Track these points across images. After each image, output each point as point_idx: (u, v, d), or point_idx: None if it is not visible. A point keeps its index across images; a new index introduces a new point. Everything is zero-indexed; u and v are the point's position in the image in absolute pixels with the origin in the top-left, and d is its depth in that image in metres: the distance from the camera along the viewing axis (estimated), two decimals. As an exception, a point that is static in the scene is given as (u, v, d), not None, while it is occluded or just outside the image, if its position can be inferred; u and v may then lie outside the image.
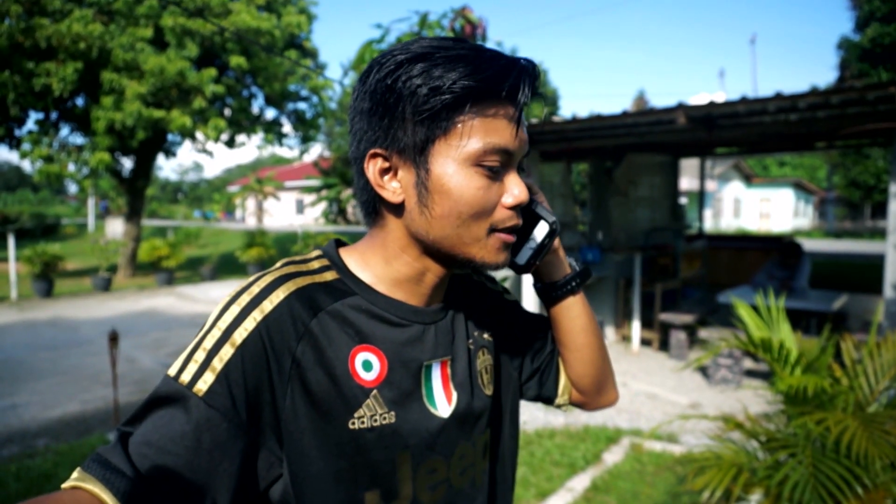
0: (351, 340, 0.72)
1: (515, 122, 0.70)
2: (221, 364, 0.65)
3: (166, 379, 0.66)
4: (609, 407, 1.04)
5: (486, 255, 0.73)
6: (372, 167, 0.72)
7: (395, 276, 0.77)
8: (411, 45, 0.70)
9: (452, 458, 0.79)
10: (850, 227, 34.51)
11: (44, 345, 7.56)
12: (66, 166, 12.72)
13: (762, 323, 2.60)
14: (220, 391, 0.65)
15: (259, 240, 15.32)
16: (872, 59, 21.06)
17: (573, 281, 0.91)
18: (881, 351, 2.37)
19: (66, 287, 12.71)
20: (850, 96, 4.62)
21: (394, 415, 0.73)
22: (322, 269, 0.76)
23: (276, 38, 13.18)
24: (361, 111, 0.72)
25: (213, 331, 0.68)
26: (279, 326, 0.68)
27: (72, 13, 11.27)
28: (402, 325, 0.76)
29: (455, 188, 0.69)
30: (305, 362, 0.69)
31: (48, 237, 24.44)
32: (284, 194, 33.87)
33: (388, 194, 0.72)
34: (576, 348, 0.94)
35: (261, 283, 0.71)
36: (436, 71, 0.67)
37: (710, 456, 2.28)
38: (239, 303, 0.69)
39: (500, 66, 0.68)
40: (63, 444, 4.31)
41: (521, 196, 0.73)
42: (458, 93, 0.67)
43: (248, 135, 15.26)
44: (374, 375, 0.73)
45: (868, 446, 1.89)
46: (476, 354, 0.85)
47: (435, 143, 0.69)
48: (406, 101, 0.68)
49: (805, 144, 8.79)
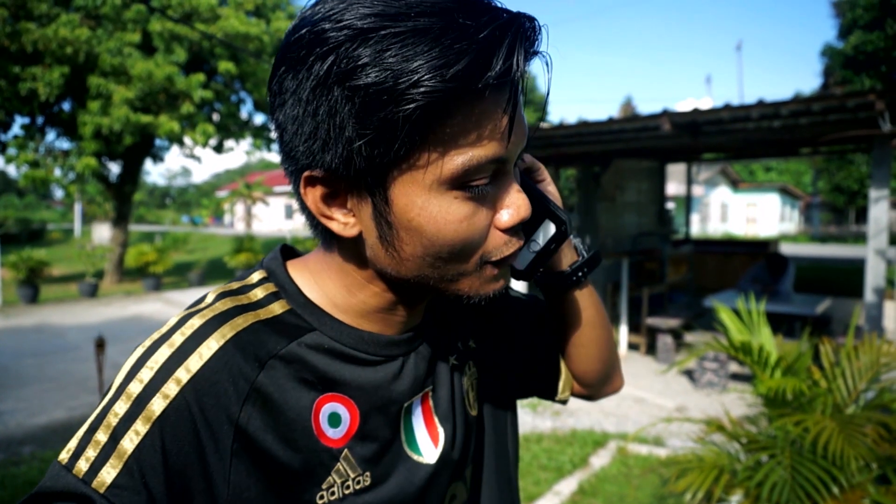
0: (312, 391, 0.56)
1: (508, 117, 0.50)
2: (132, 447, 0.49)
3: (56, 468, 0.49)
4: (615, 394, 0.90)
5: (479, 287, 0.57)
6: (311, 195, 0.53)
7: (360, 307, 0.60)
8: (346, 12, 0.48)
9: (443, 503, 0.67)
10: (834, 232, 34.92)
11: (29, 351, 7.49)
12: (52, 171, 12.62)
13: (743, 327, 2.65)
14: (130, 485, 0.48)
15: (248, 245, 15.27)
16: (856, 66, 21.38)
17: (580, 270, 0.74)
18: (859, 354, 2.42)
19: (52, 293, 12.60)
20: (830, 104, 4.71)
21: (368, 475, 0.59)
22: (268, 300, 0.59)
23: (264, 43, 13.18)
24: (286, 119, 0.52)
25: (120, 401, 0.50)
26: (213, 388, 0.51)
27: (58, 17, 11.21)
28: (376, 362, 0.60)
29: (428, 223, 0.51)
30: (253, 430, 0.53)
31: (34, 242, 24.20)
32: (273, 199, 33.78)
33: (337, 227, 0.54)
34: (581, 344, 0.80)
35: (185, 331, 0.53)
36: (384, 61, 0.46)
37: (693, 458, 2.31)
38: (156, 359, 0.52)
39: (480, 44, 0.46)
40: (49, 451, 4.28)
41: (521, 213, 0.55)
42: (419, 101, 0.46)
43: (237, 140, 15.22)
44: (343, 431, 0.58)
45: (845, 447, 1.93)
46: (462, 371, 0.71)
47: (393, 167, 0.50)
48: (343, 110, 0.48)
49: (789, 150, 8.92)
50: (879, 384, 2.45)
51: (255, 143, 15.69)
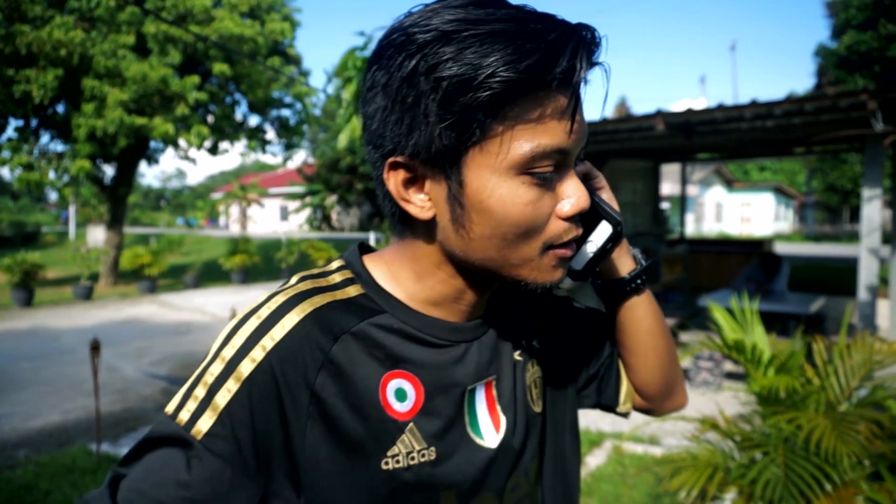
0: (381, 366, 0.62)
1: (570, 112, 0.56)
2: (224, 402, 0.57)
3: (163, 418, 0.59)
4: (678, 410, 0.92)
5: (539, 275, 0.61)
6: (393, 179, 0.60)
7: (428, 293, 0.66)
8: (432, 18, 0.55)
9: (505, 492, 0.69)
10: (828, 231, 35.09)
11: (24, 355, 7.46)
12: (46, 174, 12.58)
13: (737, 325, 2.66)
14: (221, 434, 0.57)
15: (243, 247, 15.24)
16: (849, 66, 21.48)
17: (639, 278, 0.78)
18: (852, 352, 2.44)
19: (47, 296, 12.55)
20: (823, 104, 4.74)
21: (434, 450, 0.63)
22: (344, 284, 0.66)
23: (259, 45, 13.17)
24: (375, 108, 0.59)
25: (216, 363, 0.59)
26: (293, 356, 0.59)
27: (52, 20, 11.17)
28: (441, 345, 0.65)
29: (497, 204, 0.56)
30: (327, 396, 0.59)
31: (28, 245, 24.10)
32: (268, 201, 33.71)
33: (414, 210, 0.60)
34: (641, 353, 0.82)
35: (271, 305, 0.61)
36: (464, 57, 0.53)
37: (687, 456, 2.32)
38: (245, 329, 0.60)
39: (550, 43, 0.53)
40: (44, 454, 4.26)
41: (580, 203, 0.60)
42: (496, 89, 0.53)
43: (232, 142, 15.20)
44: (409, 406, 0.63)
45: (838, 444, 1.94)
46: (524, 367, 0.74)
47: (469, 151, 0.56)
48: (428, 98, 0.54)
49: (783, 150, 8.96)
50: (872, 382, 2.46)
51: (250, 144, 15.67)
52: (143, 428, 4.82)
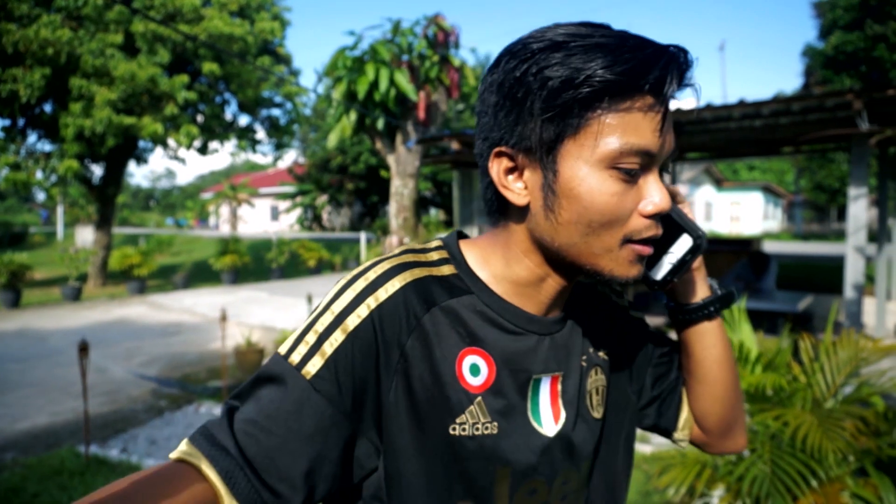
0: (461, 341, 0.69)
1: (660, 118, 0.62)
2: (332, 349, 0.65)
3: (276, 357, 0.66)
4: (735, 452, 0.93)
5: (617, 267, 0.66)
6: (496, 166, 0.67)
7: (514, 279, 0.72)
8: (546, 33, 0.64)
9: (555, 481, 0.73)
10: (816, 230, 35.38)
11: (11, 356, 7.40)
12: (33, 174, 12.46)
13: (724, 323, 2.68)
14: (327, 376, 0.64)
15: (233, 247, 15.16)
16: (836, 66, 21.68)
17: (712, 305, 0.81)
18: (838, 349, 2.46)
19: (35, 297, 12.43)
20: (810, 103, 4.78)
21: (496, 426, 0.69)
22: (440, 262, 0.73)
23: (249, 44, 13.11)
24: (488, 105, 0.67)
25: (326, 314, 0.67)
26: (392, 317, 0.66)
27: (39, 18, 11.07)
28: (516, 332, 0.71)
29: (585, 193, 0.63)
30: (413, 358, 0.66)
31: (15, 246, 23.88)
32: (259, 201, 33.58)
33: (512, 196, 0.67)
34: (706, 381, 0.84)
35: (377, 270, 0.69)
36: (570, 62, 0.61)
37: (675, 454, 2.34)
38: (354, 288, 0.67)
39: (645, 56, 0.60)
40: (32, 457, 4.23)
41: (662, 204, 0.65)
42: (594, 86, 0.60)
43: (222, 141, 15.11)
44: (481, 381, 0.69)
45: (823, 441, 1.97)
46: (588, 373, 0.78)
47: (565, 142, 0.63)
48: (535, 94, 0.62)
49: (771, 149, 9.02)
50: (858, 378, 2.49)
51: (240, 144, 15.59)
52: (133, 429, 4.79)
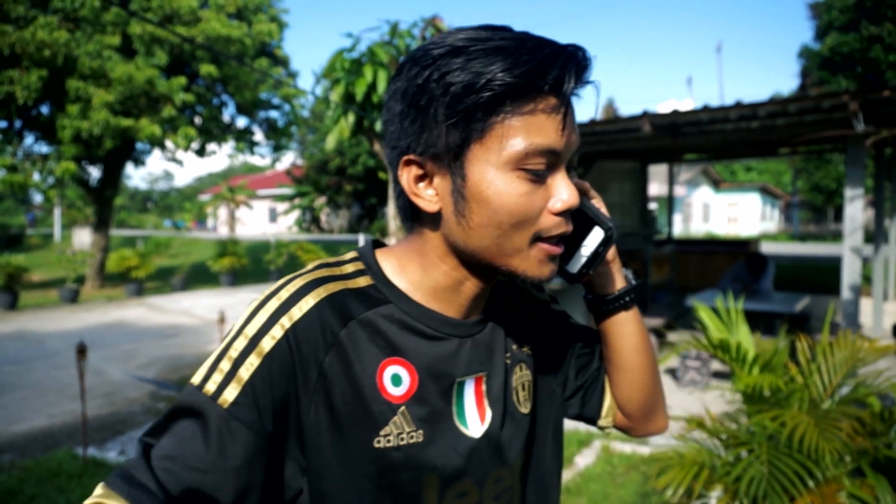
0: (381, 352, 0.68)
1: (561, 117, 0.63)
2: (248, 374, 0.63)
3: (190, 388, 0.64)
4: (657, 434, 0.96)
5: (529, 267, 0.67)
6: (406, 174, 0.67)
7: (432, 285, 0.72)
8: (447, 38, 0.65)
9: (486, 481, 0.74)
10: (814, 231, 35.45)
11: (8, 358, 7.38)
12: (30, 176, 12.44)
13: (722, 325, 2.69)
14: (245, 403, 0.62)
15: (231, 249, 15.15)
16: (832, 68, 21.73)
17: (627, 295, 0.84)
18: (834, 350, 2.47)
19: (32, 299, 12.41)
20: (806, 105, 4.80)
21: (422, 433, 0.69)
22: (356, 274, 0.72)
23: (246, 46, 13.11)
24: (394, 113, 0.68)
25: (240, 338, 0.65)
26: (308, 335, 0.65)
27: (36, 20, 11.06)
28: (437, 338, 0.71)
29: (494, 196, 0.63)
30: (332, 375, 0.66)
31: (12, 248, 23.81)
32: (257, 203, 33.54)
33: (423, 203, 0.67)
34: (625, 369, 0.87)
35: (290, 288, 0.68)
36: (471, 66, 0.61)
37: (673, 455, 2.35)
38: (267, 309, 0.66)
39: (543, 56, 0.61)
40: (29, 459, 4.22)
41: (570, 200, 0.66)
42: (495, 90, 0.61)
43: (219, 143, 15.10)
44: (403, 391, 0.69)
45: (820, 441, 1.97)
46: (513, 370, 0.79)
47: (471, 147, 0.64)
48: (438, 101, 0.63)
49: (768, 150, 9.05)
50: (855, 379, 2.50)
51: (238, 146, 15.59)
52: (131, 432, 4.79)
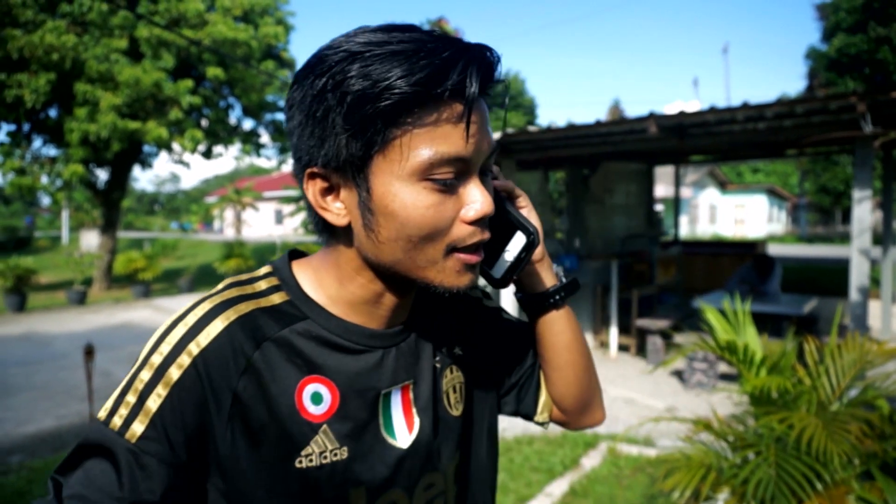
0: (299, 371, 0.66)
1: (466, 122, 0.60)
2: (155, 406, 0.61)
3: (96, 424, 0.61)
4: (593, 427, 0.94)
5: (445, 278, 0.65)
6: (311, 188, 0.64)
7: (350, 298, 0.69)
8: (344, 42, 0.61)
9: (416, 489, 0.73)
10: (821, 232, 35.25)
11: (17, 360, 7.42)
12: (38, 178, 12.52)
13: (729, 326, 2.68)
14: (154, 436, 0.60)
15: (237, 251, 15.21)
16: (839, 69, 21.64)
17: (558, 294, 0.82)
18: (843, 352, 2.46)
19: (40, 301, 12.48)
20: (814, 106, 4.77)
21: (346, 450, 0.67)
22: (270, 291, 0.69)
23: (253, 48, 13.16)
24: (294, 125, 0.64)
25: (145, 369, 0.62)
26: (218, 361, 0.62)
27: (44, 24, 11.14)
28: (359, 351, 0.69)
29: (400, 209, 0.60)
30: (247, 399, 0.63)
31: (20, 250, 23.97)
32: (263, 205, 33.63)
33: (331, 217, 0.65)
34: (558, 366, 0.86)
35: (197, 313, 0.64)
36: (367, 73, 0.57)
37: (680, 457, 2.34)
38: (173, 336, 0.63)
39: (442, 60, 0.57)
40: (38, 460, 4.24)
41: (483, 209, 0.63)
42: (393, 98, 0.57)
43: (226, 145, 15.17)
44: (324, 409, 0.67)
45: (829, 444, 1.96)
46: (443, 373, 0.78)
47: (374, 159, 0.60)
48: (335, 111, 0.59)
49: (775, 152, 9.01)
50: (863, 381, 2.48)
51: (244, 148, 15.63)
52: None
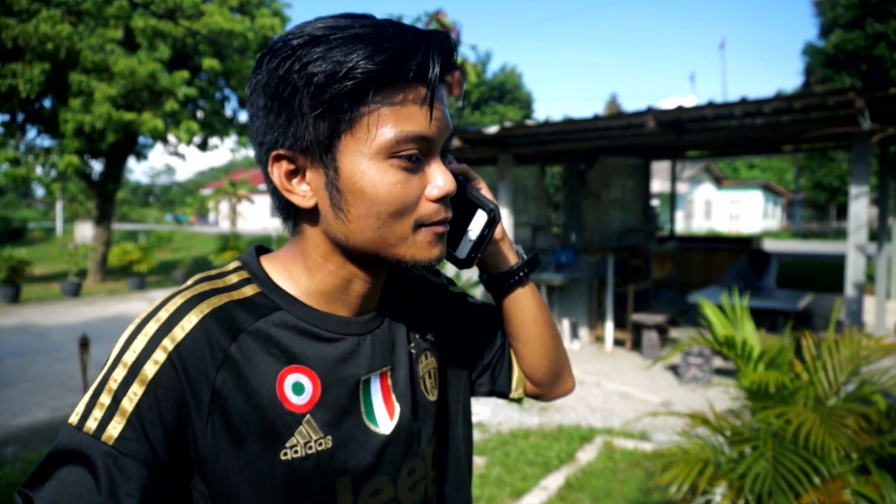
0: (278, 362, 0.65)
1: (429, 104, 0.62)
2: (132, 405, 0.58)
3: (68, 429, 0.59)
4: (566, 395, 0.98)
5: (417, 252, 0.66)
6: (277, 170, 0.65)
7: (320, 287, 0.70)
8: (306, 27, 0.62)
9: (400, 475, 0.74)
10: (816, 228, 35.35)
11: (11, 351, 7.39)
12: (33, 169, 12.44)
13: (727, 321, 2.68)
14: (133, 436, 0.58)
15: (233, 243, 15.17)
16: (836, 65, 21.66)
17: (521, 271, 0.85)
18: (839, 347, 2.46)
19: (34, 293, 12.43)
20: (811, 101, 4.78)
21: (330, 439, 0.67)
22: (241, 284, 0.68)
23: (249, 40, 13.07)
24: (258, 108, 0.64)
25: (118, 368, 0.60)
26: (194, 355, 0.61)
27: (39, 13, 11.03)
28: (334, 339, 0.69)
29: (369, 186, 0.62)
30: (227, 393, 0.62)
31: (14, 241, 23.82)
32: (258, 197, 33.50)
33: (297, 199, 0.65)
34: (527, 340, 0.89)
35: (169, 308, 0.63)
36: (332, 55, 0.59)
37: (678, 451, 2.34)
38: (146, 332, 0.61)
39: (405, 43, 0.60)
40: (32, 451, 4.23)
41: (446, 186, 0.65)
42: (359, 79, 0.59)
43: (221, 137, 15.08)
44: (307, 399, 0.66)
45: (826, 438, 1.97)
46: (418, 359, 0.79)
47: (341, 138, 0.62)
48: (302, 92, 0.60)
49: (772, 147, 9.02)
50: (859, 377, 2.49)
51: (240, 140, 15.56)
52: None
